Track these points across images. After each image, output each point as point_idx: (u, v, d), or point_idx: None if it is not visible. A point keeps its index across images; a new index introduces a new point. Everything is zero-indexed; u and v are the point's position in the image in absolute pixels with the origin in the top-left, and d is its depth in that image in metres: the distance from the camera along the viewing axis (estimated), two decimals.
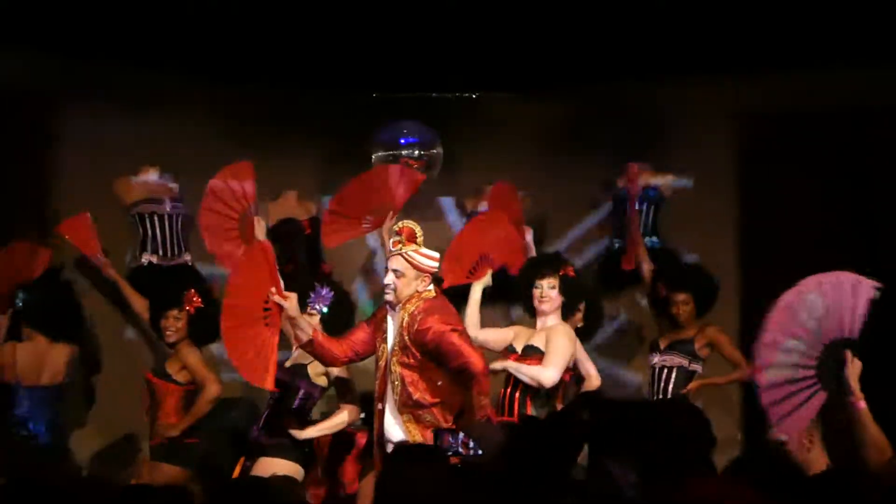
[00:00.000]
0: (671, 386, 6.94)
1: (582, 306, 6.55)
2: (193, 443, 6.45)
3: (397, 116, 7.76)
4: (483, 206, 7.64)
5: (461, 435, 5.84)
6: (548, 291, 5.99)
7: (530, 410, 5.89)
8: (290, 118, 7.81)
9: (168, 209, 7.39)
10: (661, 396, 6.90)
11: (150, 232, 7.36)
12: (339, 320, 5.98)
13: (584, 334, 6.59)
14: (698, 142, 7.81)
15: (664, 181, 7.70)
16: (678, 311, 6.99)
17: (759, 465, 5.14)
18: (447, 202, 8.22)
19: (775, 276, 7.44)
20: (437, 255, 5.33)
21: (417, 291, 5.23)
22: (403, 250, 5.21)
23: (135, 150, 7.49)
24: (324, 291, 5.97)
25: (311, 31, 7.12)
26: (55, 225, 7.22)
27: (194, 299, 6.47)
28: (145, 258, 7.32)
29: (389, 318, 5.30)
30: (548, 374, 5.86)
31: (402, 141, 7.61)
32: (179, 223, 7.45)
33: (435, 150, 7.69)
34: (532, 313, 6.14)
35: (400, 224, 5.31)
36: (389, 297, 5.24)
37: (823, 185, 7.58)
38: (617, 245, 7.74)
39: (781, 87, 7.54)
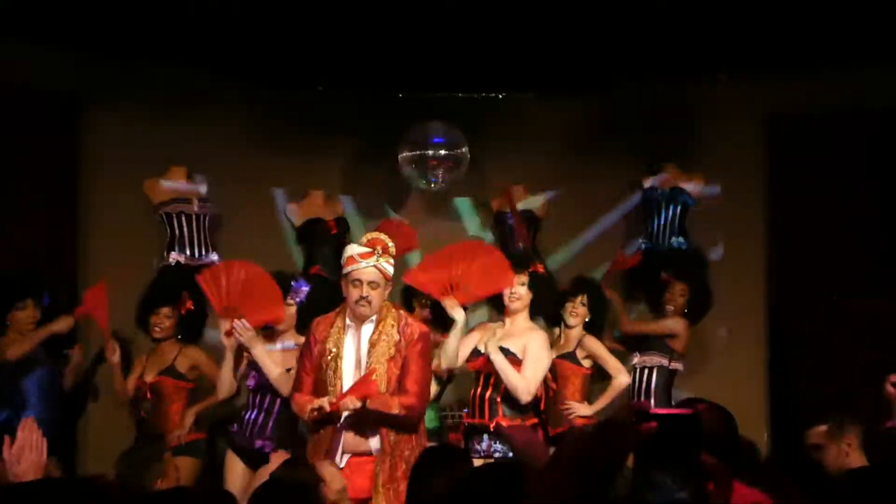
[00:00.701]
0: (653, 386, 6.97)
1: (586, 300, 6.55)
2: (201, 438, 6.58)
3: (423, 116, 7.75)
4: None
5: (486, 437, 5.86)
6: (518, 289, 5.95)
7: (501, 413, 5.88)
8: (316, 118, 7.81)
9: (196, 209, 7.42)
10: (642, 397, 6.94)
11: (177, 232, 7.39)
12: (317, 312, 5.86)
13: (593, 329, 6.59)
14: (724, 143, 7.78)
15: (692, 184, 7.68)
16: (669, 299, 7.06)
17: (789, 468, 5.13)
18: (463, 203, 8.22)
19: (803, 277, 7.55)
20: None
21: (385, 302, 5.23)
22: (378, 262, 5.15)
23: (162, 149, 7.51)
24: (301, 285, 6.01)
25: (337, 32, 7.12)
26: (82, 224, 7.28)
27: (187, 302, 6.65)
28: (173, 258, 7.34)
29: (350, 332, 5.20)
30: (525, 388, 5.81)
31: (429, 141, 7.62)
32: (207, 223, 7.48)
33: (461, 150, 7.69)
34: (501, 311, 6.10)
35: (369, 236, 5.25)
36: (365, 309, 5.14)
37: (853, 186, 7.54)
38: (644, 246, 7.73)
39: (809, 87, 7.51)
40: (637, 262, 7.48)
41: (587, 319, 6.57)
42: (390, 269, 5.18)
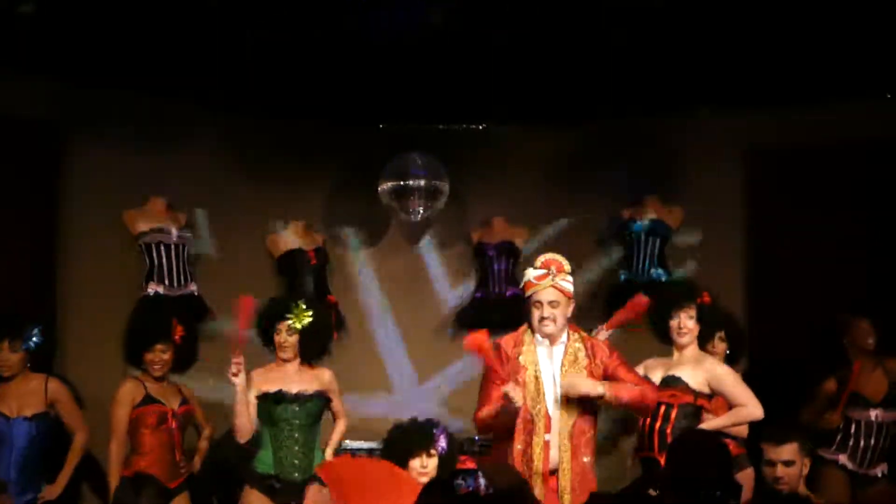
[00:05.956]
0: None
1: (724, 335, 6.40)
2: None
3: (404, 147, 7.77)
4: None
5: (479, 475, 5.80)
6: (686, 322, 5.86)
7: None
8: (297, 149, 7.81)
9: (174, 239, 7.40)
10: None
11: (156, 262, 7.37)
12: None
13: (730, 362, 6.33)
14: (705, 176, 7.80)
15: (672, 216, 7.70)
16: (861, 341, 6.83)
17: None
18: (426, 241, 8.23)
19: (783, 311, 7.53)
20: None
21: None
22: (555, 281, 5.26)
23: (143, 180, 7.51)
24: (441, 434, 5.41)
25: (318, 63, 7.15)
26: (61, 253, 7.25)
27: (178, 328, 6.17)
28: (151, 288, 7.31)
29: (542, 348, 5.30)
30: (753, 409, 5.77)
31: (409, 172, 7.62)
32: (186, 253, 7.47)
33: (442, 182, 7.70)
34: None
35: (543, 258, 5.32)
36: (550, 328, 5.25)
37: (833, 219, 7.54)
38: (624, 277, 7.73)
39: (789, 121, 7.54)
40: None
41: (727, 353, 6.36)
42: (569, 287, 5.29)
